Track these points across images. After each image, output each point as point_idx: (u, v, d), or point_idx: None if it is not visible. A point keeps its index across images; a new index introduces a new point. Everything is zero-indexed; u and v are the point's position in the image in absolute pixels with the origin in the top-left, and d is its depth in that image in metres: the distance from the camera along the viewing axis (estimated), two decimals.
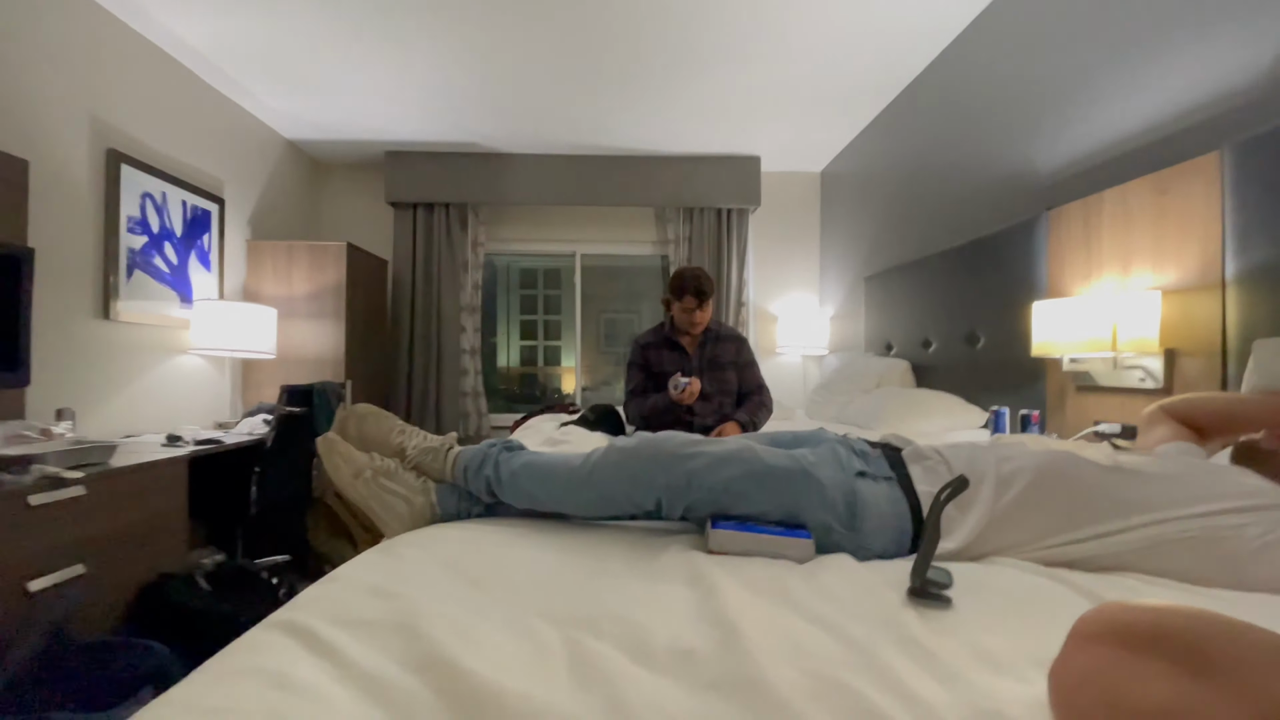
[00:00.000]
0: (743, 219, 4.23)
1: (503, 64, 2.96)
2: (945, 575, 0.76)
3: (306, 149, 4.07)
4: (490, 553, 0.88)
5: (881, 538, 0.92)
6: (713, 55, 2.86)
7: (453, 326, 4.12)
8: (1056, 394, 1.98)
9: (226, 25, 2.62)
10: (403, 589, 0.71)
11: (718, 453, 0.96)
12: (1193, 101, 1.60)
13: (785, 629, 0.62)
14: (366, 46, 2.80)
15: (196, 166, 3.05)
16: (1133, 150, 1.78)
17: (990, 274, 2.31)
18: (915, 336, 2.89)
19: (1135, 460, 0.92)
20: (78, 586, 1.68)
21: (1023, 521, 0.88)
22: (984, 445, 1.00)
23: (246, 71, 3.02)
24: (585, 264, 4.53)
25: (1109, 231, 1.77)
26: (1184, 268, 1.55)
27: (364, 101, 3.36)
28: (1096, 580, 0.78)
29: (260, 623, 0.65)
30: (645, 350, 2.30)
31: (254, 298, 3.42)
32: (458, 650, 0.56)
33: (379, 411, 1.19)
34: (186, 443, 2.34)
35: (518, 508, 1.07)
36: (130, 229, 2.60)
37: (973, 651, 0.58)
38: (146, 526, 1.95)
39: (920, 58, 2.87)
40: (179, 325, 2.88)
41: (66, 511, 1.65)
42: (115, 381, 2.55)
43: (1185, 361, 1.56)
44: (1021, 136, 2.26)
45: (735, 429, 2.10)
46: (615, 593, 0.73)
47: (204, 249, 3.08)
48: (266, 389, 3.37)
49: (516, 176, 4.10)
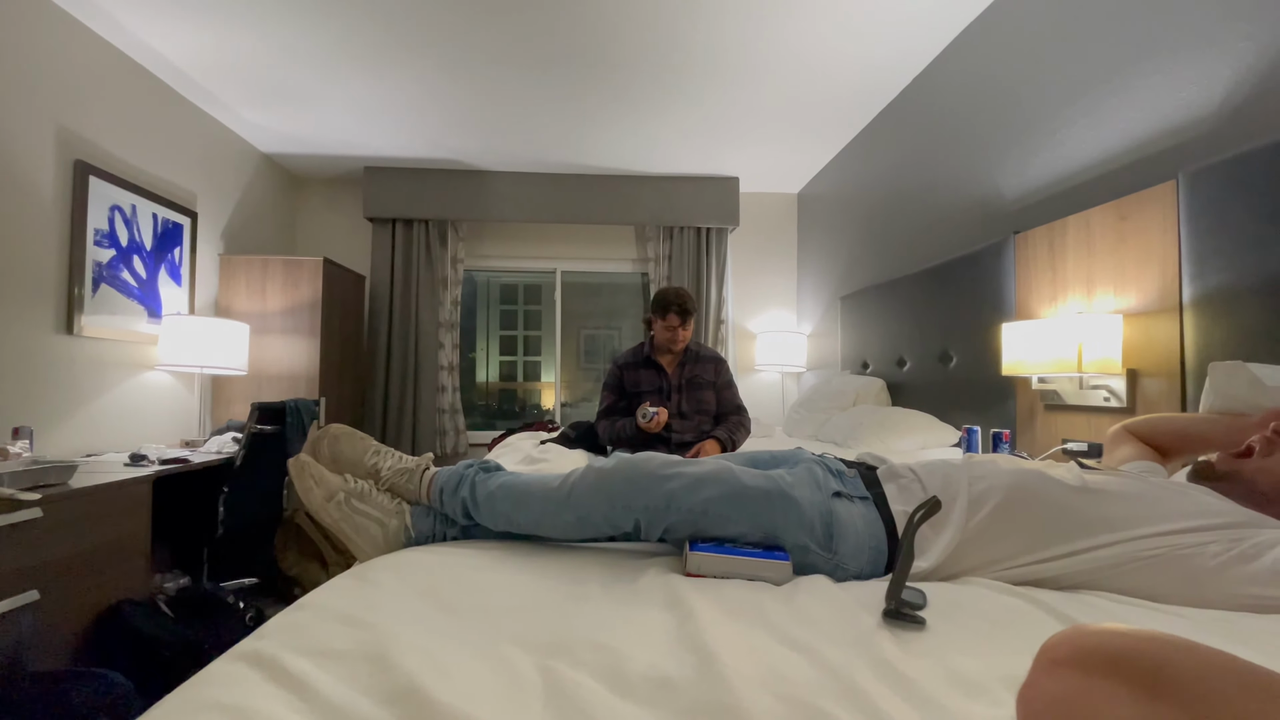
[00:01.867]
0: (722, 238, 4.28)
1: (484, 82, 2.97)
2: (920, 596, 0.76)
3: (283, 163, 4.03)
4: (465, 577, 0.87)
5: (858, 558, 0.93)
6: (693, 78, 2.91)
7: (431, 343, 4.08)
8: (1026, 412, 2.03)
9: (201, 37, 2.60)
10: (374, 617, 0.70)
11: (696, 474, 0.96)
12: (1150, 133, 1.67)
13: (762, 654, 0.62)
14: (346, 61, 2.79)
15: (168, 179, 3.00)
16: (1094, 178, 1.85)
17: (961, 295, 2.36)
18: (890, 355, 2.94)
19: (1101, 479, 0.95)
20: (32, 614, 1.61)
21: (994, 541, 0.90)
22: (957, 464, 1.01)
23: (222, 84, 2.99)
24: (566, 280, 4.54)
25: (1073, 256, 1.82)
26: (1144, 292, 1.61)
27: (343, 116, 3.35)
28: (1066, 600, 0.79)
29: (225, 653, 0.63)
30: (623, 371, 2.31)
31: (226, 313, 3.36)
32: (430, 681, 0.55)
33: (353, 432, 1.17)
34: (151, 462, 2.27)
35: (494, 530, 1.05)
36: (97, 241, 2.54)
37: (946, 674, 0.59)
38: (107, 550, 1.88)
39: (893, 85, 2.96)
40: (146, 340, 2.81)
41: (21, 535, 1.59)
42: (77, 398, 2.47)
43: (1147, 382, 1.61)
44: (990, 163, 2.33)
45: (715, 446, 2.10)
46: (592, 618, 0.72)
47: (175, 263, 3.02)
48: (237, 406, 3.30)
49: (497, 193, 4.10)
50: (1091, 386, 1.77)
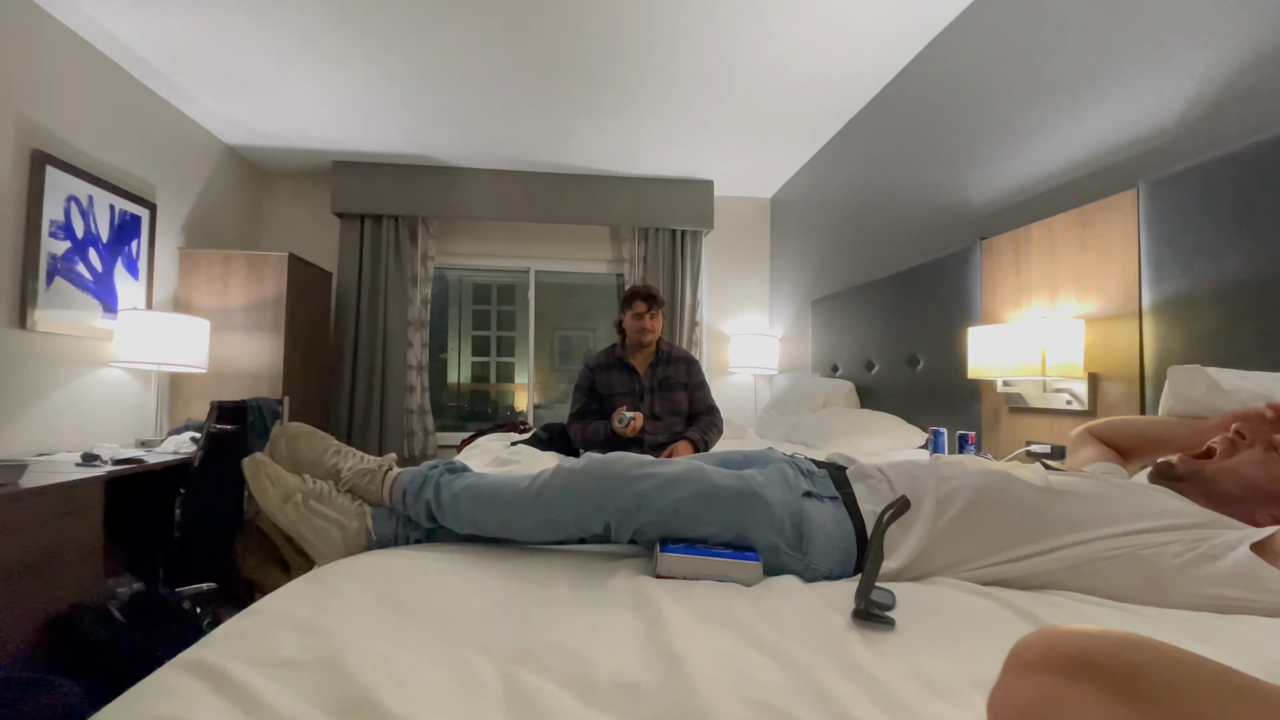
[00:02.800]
0: (696, 241, 4.29)
1: (458, 77, 2.93)
2: (889, 597, 0.76)
3: (248, 155, 3.92)
4: (427, 581, 0.84)
5: (828, 559, 0.93)
6: (668, 81, 2.91)
7: (399, 342, 4.00)
8: (991, 415, 2.06)
9: (163, 23, 2.50)
10: (329, 623, 0.67)
11: (667, 474, 0.95)
12: (1112, 143, 1.71)
13: (731, 657, 0.61)
14: (316, 52, 2.72)
15: (127, 170, 2.89)
16: (1058, 186, 1.89)
17: (929, 300, 2.40)
18: (859, 358, 2.97)
19: (1065, 480, 0.96)
20: None
21: (961, 541, 0.90)
22: (924, 464, 1.02)
23: (184, 72, 2.89)
24: (540, 281, 4.50)
25: (1037, 262, 1.86)
26: (1105, 297, 1.65)
27: (312, 109, 3.26)
28: (1032, 599, 0.80)
29: (167, 663, 0.59)
30: (594, 373, 2.29)
31: (185, 308, 3.24)
32: (384, 691, 0.52)
33: (312, 431, 1.13)
34: (104, 462, 2.18)
35: (460, 533, 1.03)
36: (52, 233, 2.43)
37: (915, 676, 0.58)
38: (57, 553, 1.80)
39: (864, 93, 2.99)
40: (101, 336, 2.70)
41: None
42: (29, 395, 2.36)
43: (1108, 385, 1.65)
44: (958, 170, 2.37)
45: (687, 447, 2.10)
46: (558, 622, 0.70)
47: (132, 256, 2.90)
48: (196, 405, 3.19)
49: (470, 190, 4.05)
50: (1054, 390, 1.81)
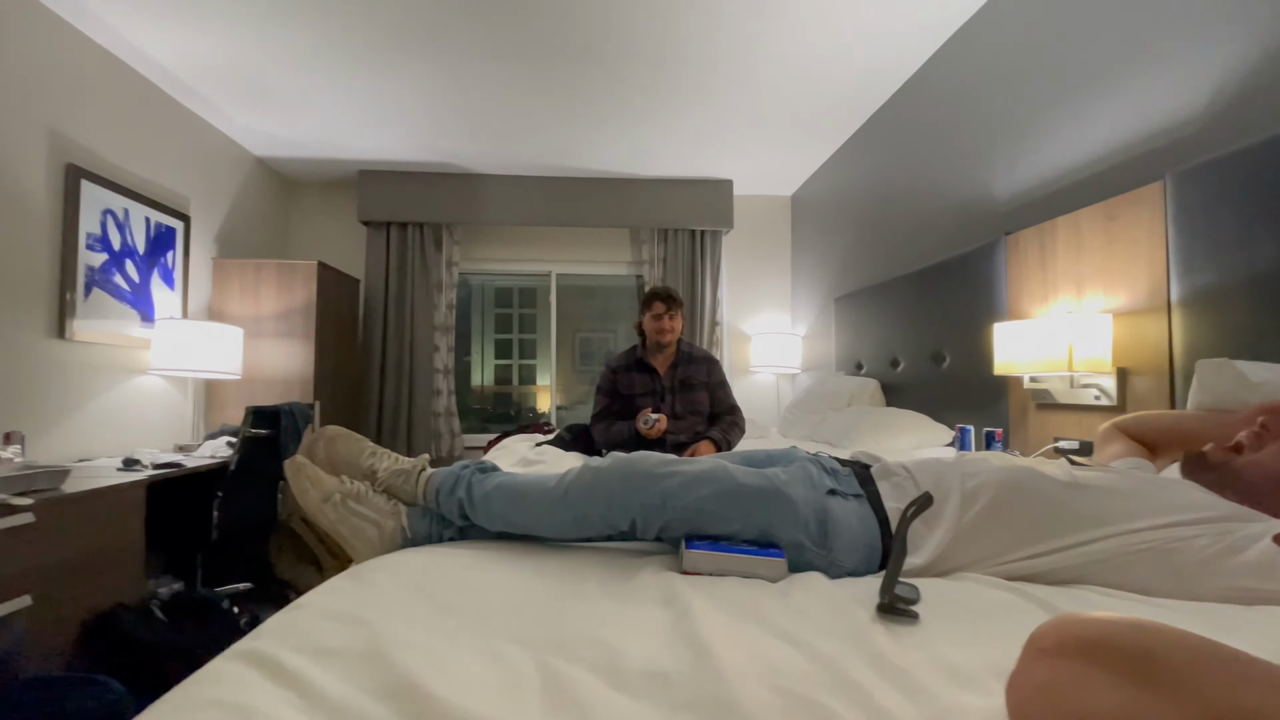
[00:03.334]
0: (716, 241, 4.30)
1: (479, 86, 2.98)
2: (913, 591, 0.77)
3: (277, 166, 4.02)
4: (462, 576, 0.87)
5: (852, 555, 0.94)
6: (686, 83, 2.93)
7: (426, 346, 4.07)
8: (1019, 411, 2.04)
9: (195, 40, 2.59)
10: (371, 616, 0.70)
11: (692, 472, 0.97)
12: (1138, 134, 1.69)
13: (757, 648, 0.62)
14: (340, 64, 2.79)
15: (161, 183, 3.00)
16: (1083, 179, 1.87)
17: (954, 296, 2.38)
18: (884, 356, 2.95)
19: (1091, 475, 0.96)
20: (24, 619, 1.60)
21: (986, 537, 0.91)
22: (949, 461, 1.02)
23: (214, 87, 2.99)
24: (561, 283, 4.55)
25: (1063, 256, 1.84)
26: (1133, 291, 1.62)
27: (337, 120, 3.35)
28: (1057, 593, 0.80)
29: (222, 653, 0.63)
30: (615, 374, 2.31)
31: (219, 317, 3.35)
32: (428, 677, 0.55)
33: (349, 433, 1.17)
34: (144, 466, 2.26)
35: (491, 530, 1.06)
36: (89, 246, 2.53)
37: (938, 666, 0.60)
38: (100, 555, 1.87)
39: (885, 88, 2.98)
40: (139, 345, 2.80)
41: (14, 540, 1.58)
42: (70, 403, 2.46)
43: (1136, 380, 1.63)
44: (981, 165, 2.35)
45: (709, 447, 2.11)
46: (589, 615, 0.73)
47: (168, 267, 3.01)
48: (231, 410, 3.28)
49: (492, 197, 4.11)
50: (1082, 385, 1.78)
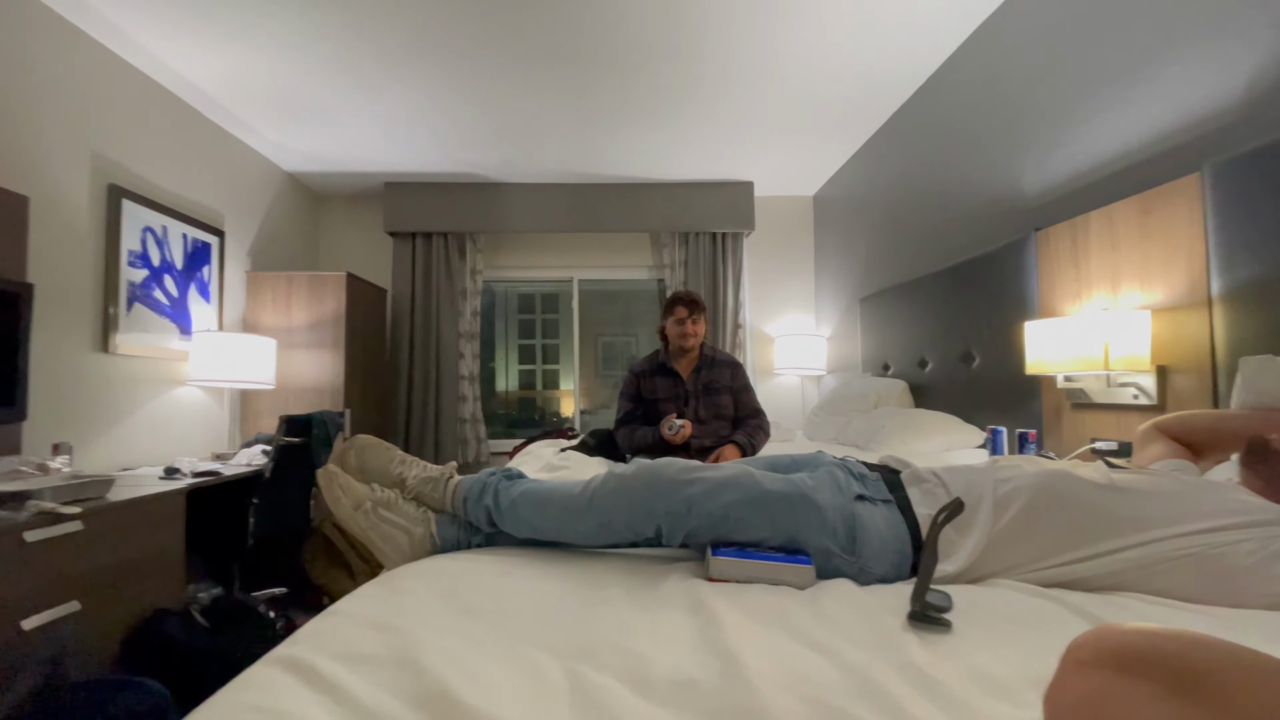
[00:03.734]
0: (737, 243, 4.28)
1: (499, 97, 3.02)
2: (945, 598, 0.76)
3: (306, 181, 4.13)
4: (490, 583, 0.88)
5: (882, 561, 0.93)
6: (705, 85, 2.93)
7: (451, 354, 4.13)
8: (1053, 412, 1.99)
9: (227, 61, 2.68)
10: (402, 622, 0.71)
11: (717, 479, 0.96)
12: (1172, 125, 1.64)
13: (786, 656, 0.62)
14: (365, 81, 2.86)
15: (197, 200, 3.09)
16: (1117, 172, 1.82)
17: (983, 294, 2.34)
18: (911, 356, 2.91)
19: (1130, 478, 0.93)
20: (72, 624, 1.66)
21: (1021, 543, 0.89)
22: (981, 467, 1.01)
23: (247, 106, 3.08)
24: (582, 288, 4.57)
25: (1097, 252, 1.79)
26: (1171, 286, 1.57)
27: (363, 134, 3.42)
28: (1095, 600, 0.78)
29: (261, 659, 0.65)
30: (639, 379, 2.31)
31: (253, 328, 3.44)
32: (459, 684, 0.56)
33: (379, 442, 1.19)
34: (184, 475, 2.33)
35: (518, 537, 1.07)
36: (131, 262, 2.62)
37: (972, 676, 0.59)
38: (143, 561, 1.93)
39: (908, 85, 2.94)
40: (178, 357, 2.89)
41: (62, 547, 1.64)
42: (113, 414, 2.55)
43: (1177, 378, 1.58)
44: (1008, 159, 2.30)
45: (734, 451, 2.10)
46: (616, 622, 0.73)
47: (204, 281, 3.10)
48: (265, 419, 3.37)
49: (514, 205, 4.15)
50: (1120, 384, 1.73)
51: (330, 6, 2.31)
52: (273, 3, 2.28)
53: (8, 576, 1.50)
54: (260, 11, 2.33)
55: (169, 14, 2.33)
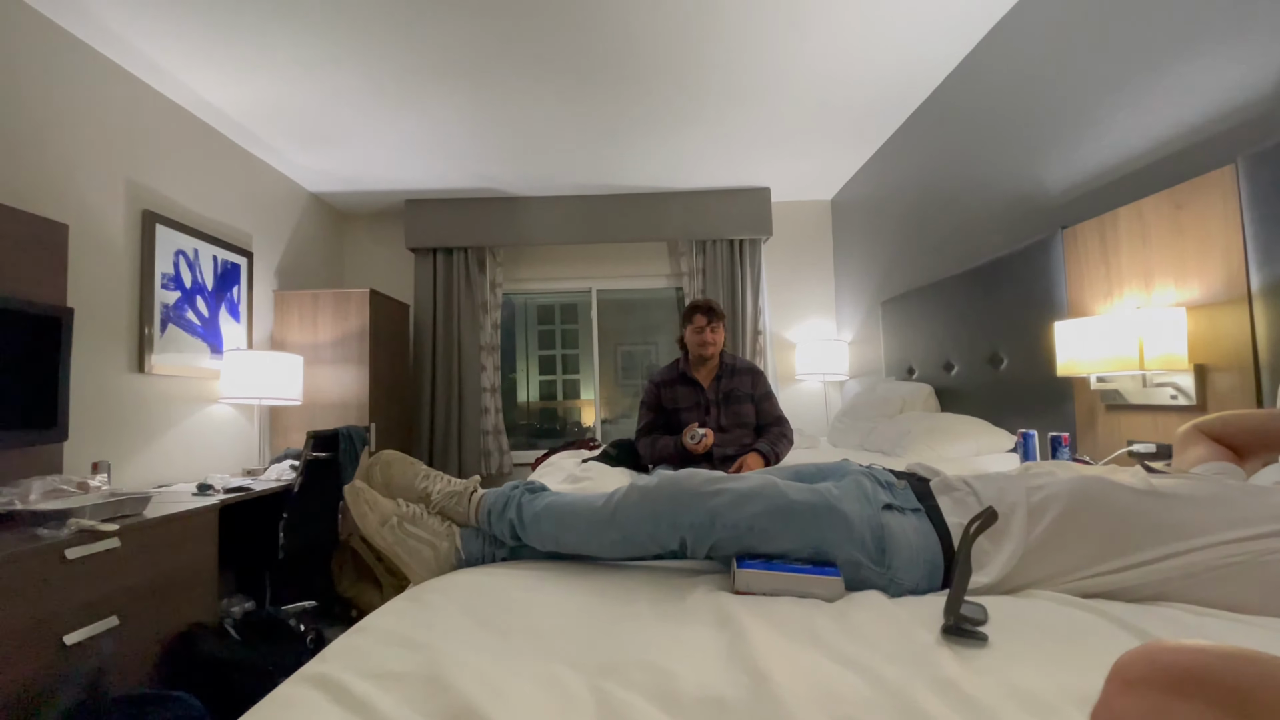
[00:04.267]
0: (755, 249, 4.26)
1: (516, 112, 3.06)
2: (980, 611, 0.74)
3: (329, 200, 4.22)
4: (515, 598, 0.88)
5: (913, 572, 0.90)
6: (718, 93, 2.93)
7: (473, 366, 4.17)
8: (1086, 414, 1.94)
9: (253, 88, 2.75)
10: (430, 639, 0.72)
11: (740, 490, 0.95)
12: (1203, 116, 1.59)
13: (816, 673, 0.61)
14: (385, 102, 2.92)
15: (226, 222, 3.18)
16: (1145, 166, 1.77)
17: (1009, 294, 2.29)
18: (937, 359, 2.86)
19: (1171, 483, 0.90)
20: (112, 638, 1.70)
21: (1058, 552, 0.86)
22: (1013, 474, 0.98)
23: (272, 130, 3.16)
24: (601, 298, 4.59)
25: (1127, 249, 1.75)
26: (1208, 282, 1.53)
27: (383, 153, 3.49)
28: (1137, 611, 0.75)
29: (291, 677, 0.65)
30: (659, 388, 2.30)
31: (281, 346, 3.51)
32: (486, 702, 0.56)
33: (403, 457, 1.20)
34: (217, 491, 2.38)
35: (542, 550, 1.07)
36: (164, 285, 2.70)
37: (1010, 692, 0.57)
38: (178, 576, 1.98)
39: (924, 85, 2.91)
40: (209, 375, 2.96)
41: (102, 564, 1.69)
42: (149, 432, 2.62)
43: (1217, 377, 1.52)
44: (1031, 158, 2.26)
45: (757, 459, 2.07)
46: (642, 637, 0.72)
47: (234, 301, 3.18)
48: (294, 434, 3.43)
49: (532, 218, 4.19)
50: (1156, 384, 1.68)
51: (350, 32, 2.37)
52: (296, 31, 2.34)
53: (50, 593, 1.54)
54: (284, 40, 2.40)
55: (200, 45, 2.41)
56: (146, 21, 2.26)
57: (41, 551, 1.53)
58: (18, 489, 1.76)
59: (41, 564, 1.53)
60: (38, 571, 1.51)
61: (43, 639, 1.51)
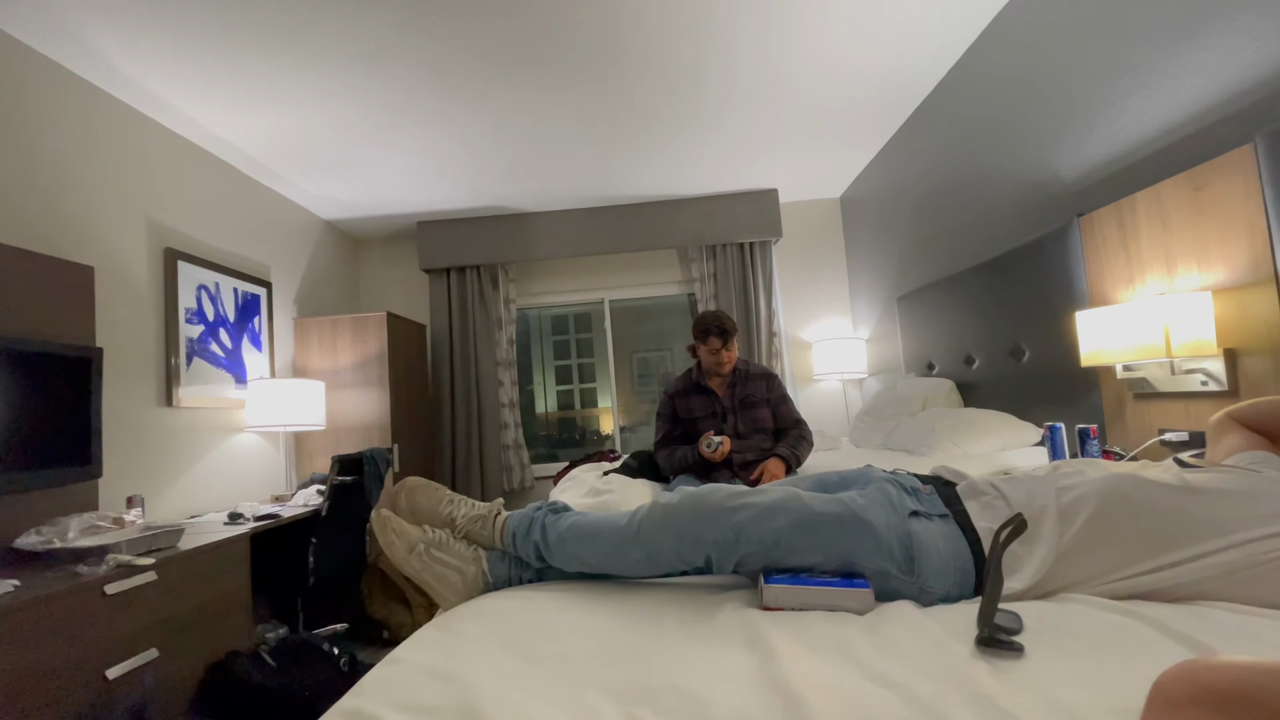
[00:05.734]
0: (766, 251, 4.25)
1: (521, 131, 3.09)
2: (1014, 619, 0.72)
3: (343, 227, 4.29)
4: (544, 621, 0.88)
5: (943, 580, 0.89)
6: (719, 99, 2.93)
7: (490, 382, 4.20)
8: (1114, 404, 1.90)
9: (265, 123, 2.82)
10: (461, 669, 0.72)
11: (764, 503, 0.95)
12: (1218, 96, 1.56)
13: (850, 693, 0.60)
14: (394, 129, 2.96)
15: (245, 254, 3.25)
16: (1162, 149, 1.74)
17: (1027, 285, 2.25)
18: (957, 354, 2.82)
19: (1205, 477, 0.88)
20: (153, 670, 1.73)
21: (1092, 554, 0.84)
22: (1041, 475, 0.96)
23: (286, 163, 3.23)
24: (614, 306, 4.60)
25: (1147, 234, 1.71)
26: (1232, 265, 1.49)
27: (394, 178, 3.54)
28: (1177, 613, 0.73)
29: (326, 713, 0.66)
30: (674, 399, 2.30)
31: (302, 372, 3.57)
32: None
33: (427, 483, 1.21)
34: (247, 519, 2.42)
35: (568, 571, 1.07)
36: (188, 319, 2.76)
37: (1050, 707, 0.56)
38: (213, 605, 2.01)
39: (930, 76, 2.88)
40: (235, 406, 3.02)
41: (140, 597, 1.72)
42: (179, 465, 2.67)
43: (1248, 361, 1.49)
44: (1043, 146, 2.23)
45: (779, 465, 2.05)
46: (672, 660, 0.72)
47: (255, 331, 3.24)
48: (318, 459, 3.48)
49: (542, 233, 4.23)
50: (1185, 371, 1.64)
51: (354, 64, 2.41)
52: (302, 67, 2.39)
53: (92, 629, 1.58)
54: (290, 75, 2.45)
55: (211, 85, 2.47)
56: (160, 65, 2.32)
57: (82, 588, 1.57)
58: (56, 527, 1.81)
59: (83, 601, 1.56)
60: (79, 608, 1.55)
61: (87, 675, 1.55)
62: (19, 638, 1.41)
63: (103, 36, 2.13)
